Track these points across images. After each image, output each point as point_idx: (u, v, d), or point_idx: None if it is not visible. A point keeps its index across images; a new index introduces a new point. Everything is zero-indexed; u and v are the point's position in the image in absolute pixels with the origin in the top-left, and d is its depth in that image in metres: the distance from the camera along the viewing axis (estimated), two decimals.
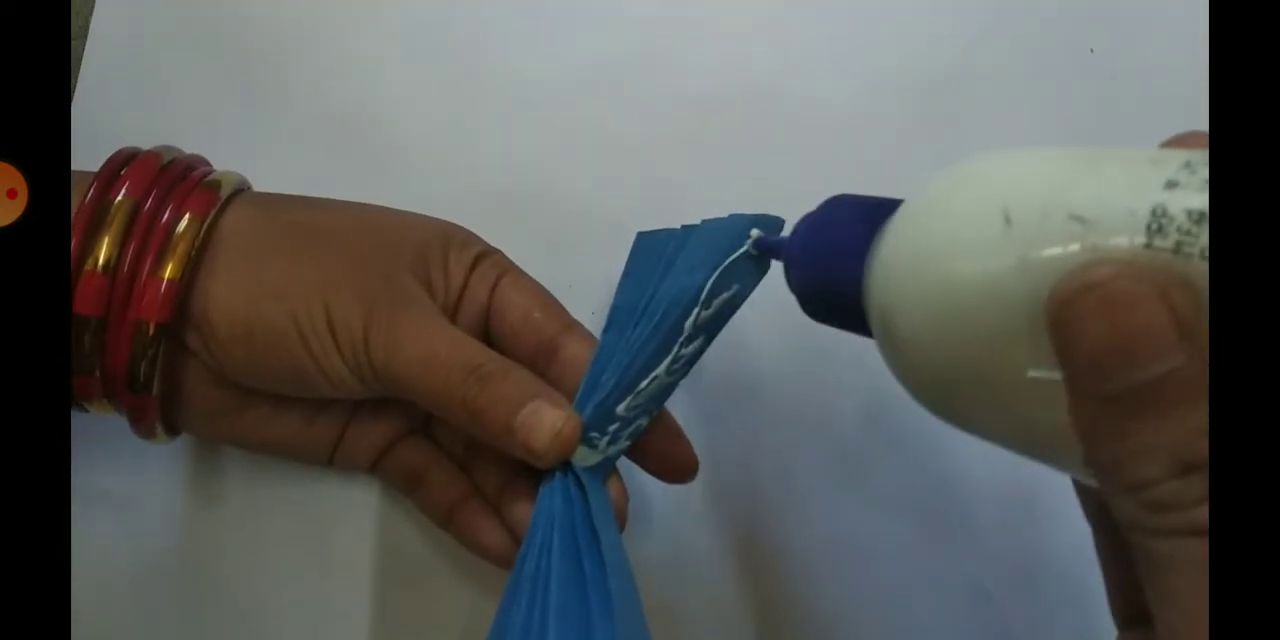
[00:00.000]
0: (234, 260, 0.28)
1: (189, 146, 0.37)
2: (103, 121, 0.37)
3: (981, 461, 0.36)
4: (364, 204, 0.32)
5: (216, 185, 0.29)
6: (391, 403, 0.31)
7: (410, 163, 0.38)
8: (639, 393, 0.29)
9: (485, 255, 0.32)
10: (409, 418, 0.33)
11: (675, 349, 0.29)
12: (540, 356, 0.31)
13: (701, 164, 0.38)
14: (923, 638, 0.35)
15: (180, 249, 0.27)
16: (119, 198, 0.27)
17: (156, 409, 0.28)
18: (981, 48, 0.40)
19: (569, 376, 0.30)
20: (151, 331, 0.27)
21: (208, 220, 0.28)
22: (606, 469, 0.30)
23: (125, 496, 0.34)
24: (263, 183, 0.37)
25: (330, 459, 0.32)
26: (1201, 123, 0.30)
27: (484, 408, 0.28)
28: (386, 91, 0.38)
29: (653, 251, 0.32)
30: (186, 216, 0.28)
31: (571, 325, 0.31)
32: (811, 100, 0.39)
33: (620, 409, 0.29)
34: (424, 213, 0.32)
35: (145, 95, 0.38)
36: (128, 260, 0.27)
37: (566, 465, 0.29)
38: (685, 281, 0.30)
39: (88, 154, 0.37)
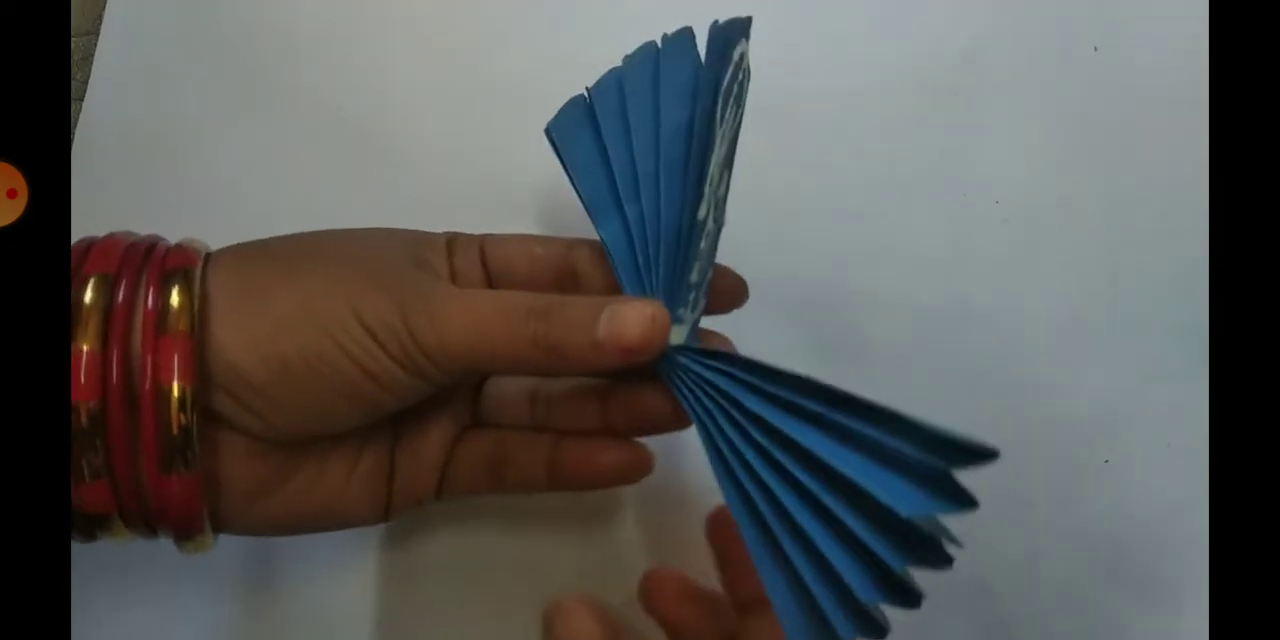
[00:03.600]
0: (237, 303, 0.26)
1: (197, 145, 0.38)
2: (113, 118, 0.38)
3: None
4: (323, 231, 0.30)
5: (190, 244, 0.27)
6: (429, 416, 0.30)
7: (414, 162, 0.38)
8: (700, 253, 0.27)
9: (454, 238, 0.31)
10: (455, 419, 0.31)
11: (708, 194, 0.27)
12: (566, 283, 0.30)
13: None
14: (921, 632, 0.35)
15: (180, 303, 0.25)
16: (90, 273, 0.25)
17: (202, 492, 0.25)
18: (985, 45, 0.40)
19: (600, 284, 0.30)
20: (177, 395, 0.24)
21: (198, 269, 0.26)
22: (695, 334, 0.28)
23: None
24: (269, 181, 0.37)
25: (386, 510, 0.30)
26: (1203, 120, 0.30)
27: (560, 339, 0.26)
28: (393, 91, 0.39)
29: (581, 130, 0.30)
30: (181, 273, 0.26)
31: (575, 242, 0.31)
32: (816, 98, 0.39)
33: (693, 276, 0.27)
34: (428, 212, 0.32)
35: (156, 91, 0.38)
36: (118, 334, 0.25)
37: (671, 365, 0.27)
38: (676, 118, 0.28)
39: (97, 152, 0.37)
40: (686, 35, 0.29)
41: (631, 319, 0.26)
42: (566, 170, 0.30)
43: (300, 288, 0.26)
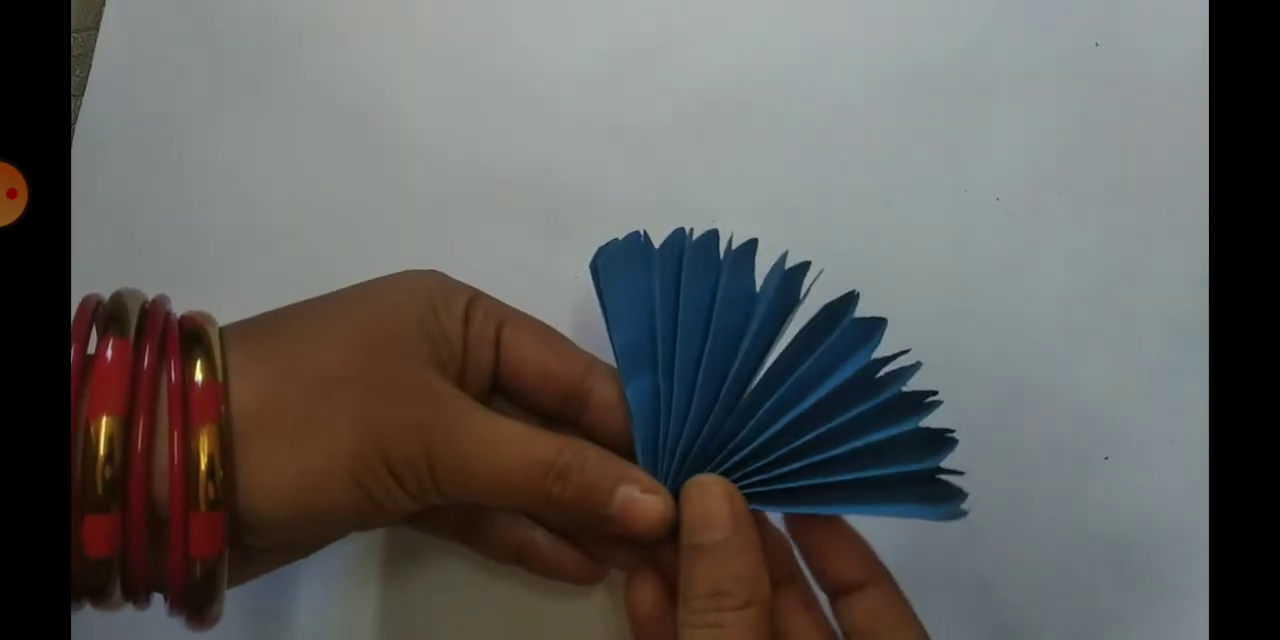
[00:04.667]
0: (264, 446, 0.25)
1: (197, 140, 0.38)
2: (114, 114, 0.38)
3: (979, 450, 0.36)
4: (339, 301, 0.29)
5: (206, 352, 0.26)
6: None
7: (418, 155, 0.38)
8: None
9: (472, 303, 0.30)
10: None
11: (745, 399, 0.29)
12: (570, 405, 0.30)
13: (707, 157, 0.38)
14: (924, 626, 0.35)
15: (208, 468, 0.24)
16: (99, 413, 0.24)
17: (217, 620, 0.26)
18: (987, 41, 0.40)
19: (608, 420, 0.30)
20: (206, 564, 0.24)
21: (223, 422, 0.25)
22: None
23: None
24: (269, 176, 0.37)
25: (360, 528, 0.30)
26: (1204, 117, 0.30)
27: (572, 503, 0.27)
28: (391, 84, 0.38)
29: (633, 277, 0.30)
30: (204, 430, 0.24)
31: (591, 364, 0.30)
32: (817, 94, 0.39)
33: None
34: (433, 205, 0.32)
35: (156, 86, 0.38)
36: (135, 496, 0.24)
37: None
38: (729, 321, 0.29)
39: (97, 148, 0.37)
40: (750, 250, 0.31)
41: (647, 515, 0.28)
42: (604, 309, 0.30)
43: (329, 430, 0.26)
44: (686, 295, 0.30)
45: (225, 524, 0.24)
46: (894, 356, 0.29)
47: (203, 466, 0.24)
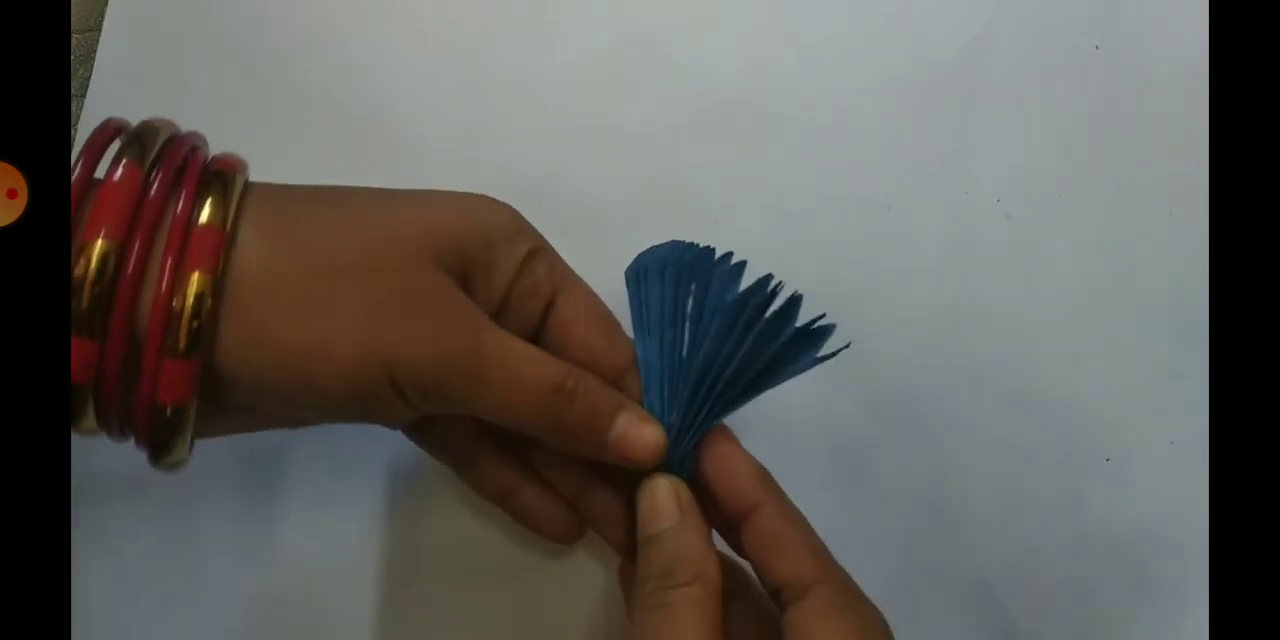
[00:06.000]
0: (257, 318, 0.24)
1: None
2: (116, 114, 0.38)
3: (980, 453, 0.36)
4: (387, 194, 0.28)
5: (219, 200, 0.25)
6: None
7: (419, 156, 0.38)
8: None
9: (536, 254, 0.29)
10: None
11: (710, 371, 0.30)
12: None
13: (707, 158, 0.38)
14: (924, 628, 0.35)
15: (188, 321, 0.23)
16: (96, 242, 0.23)
17: (185, 460, 0.26)
18: (988, 43, 0.40)
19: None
20: (170, 414, 0.24)
21: (218, 273, 0.24)
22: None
23: (129, 481, 0.35)
24: (272, 177, 0.37)
25: (361, 420, 0.29)
26: (1204, 117, 0.30)
27: (572, 426, 0.28)
28: (396, 84, 0.38)
29: (663, 284, 0.31)
30: (194, 277, 0.23)
31: (632, 364, 0.30)
32: (818, 95, 0.39)
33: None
34: None
35: (158, 88, 0.38)
36: (116, 326, 0.23)
37: None
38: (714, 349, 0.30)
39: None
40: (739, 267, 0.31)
41: (642, 444, 0.28)
42: (633, 297, 0.31)
43: (329, 324, 0.25)
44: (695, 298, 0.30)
45: (196, 377, 0.24)
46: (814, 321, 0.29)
47: (186, 312, 0.23)
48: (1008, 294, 0.38)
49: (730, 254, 0.31)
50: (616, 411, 0.28)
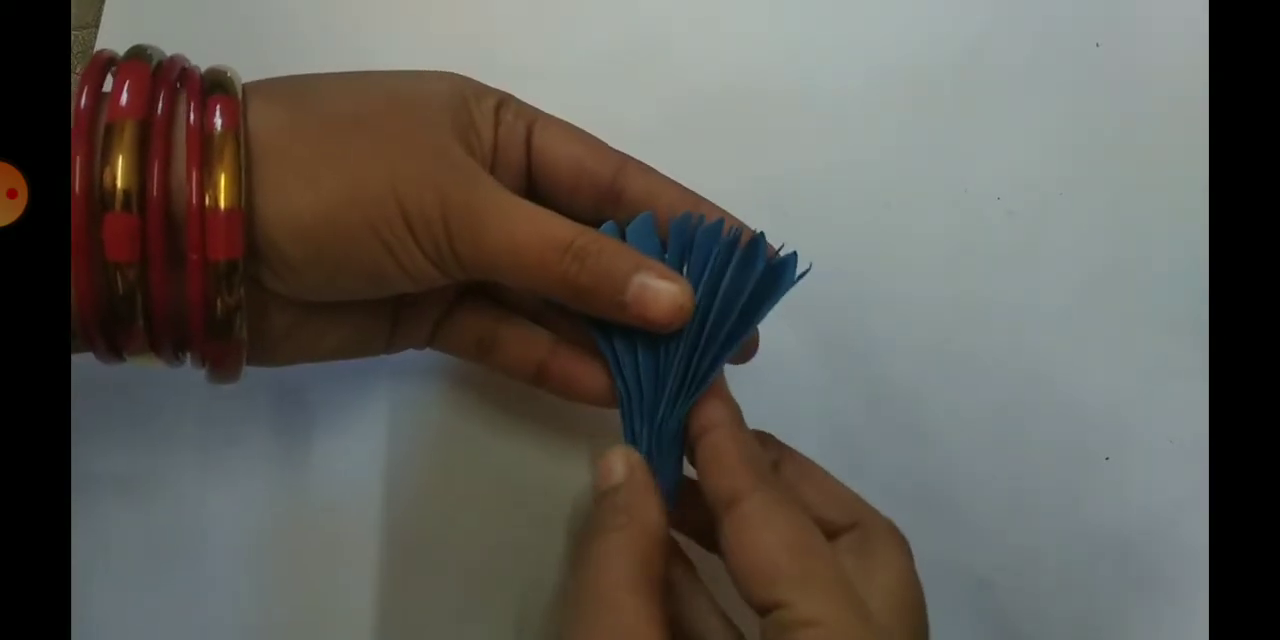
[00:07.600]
0: (281, 174, 0.25)
1: None
2: None
3: (980, 450, 0.37)
4: (366, 73, 0.29)
5: (227, 85, 0.26)
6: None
7: None
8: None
9: (503, 104, 0.30)
10: (456, 286, 0.31)
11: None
12: (605, 203, 0.30)
13: (707, 157, 0.38)
14: None
15: (227, 172, 0.24)
16: (120, 116, 0.24)
17: (243, 351, 0.27)
18: (988, 41, 0.40)
19: (643, 207, 0.30)
20: (224, 270, 0.25)
21: (241, 131, 0.25)
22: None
23: (129, 478, 0.35)
24: None
25: (387, 346, 0.31)
26: (1204, 117, 0.30)
27: (588, 286, 0.27)
28: None
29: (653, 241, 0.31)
30: (219, 130, 0.25)
31: (624, 161, 0.30)
32: (818, 93, 0.39)
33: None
34: None
35: None
36: (155, 190, 0.24)
37: None
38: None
39: None
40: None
41: (664, 299, 0.27)
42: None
43: (347, 166, 0.26)
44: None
45: (243, 224, 0.25)
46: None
47: (225, 161, 0.24)
48: (1008, 292, 0.38)
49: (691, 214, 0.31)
50: (633, 271, 0.28)
